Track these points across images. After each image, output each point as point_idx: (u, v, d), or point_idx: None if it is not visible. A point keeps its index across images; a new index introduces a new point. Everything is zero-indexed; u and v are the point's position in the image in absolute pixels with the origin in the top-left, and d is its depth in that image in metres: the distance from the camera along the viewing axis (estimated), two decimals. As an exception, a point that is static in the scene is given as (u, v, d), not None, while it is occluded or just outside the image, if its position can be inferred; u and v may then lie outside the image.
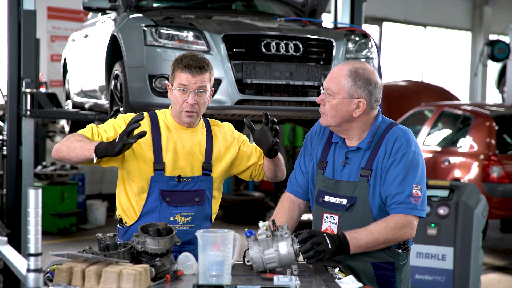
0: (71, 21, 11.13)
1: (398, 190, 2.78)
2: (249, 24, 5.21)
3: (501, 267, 7.73)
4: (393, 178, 2.80)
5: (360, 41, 5.47)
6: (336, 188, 2.90)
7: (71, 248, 7.34)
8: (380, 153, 2.85)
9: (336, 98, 2.83)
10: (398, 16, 16.30)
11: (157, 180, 3.03)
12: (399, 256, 2.88)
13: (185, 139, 3.08)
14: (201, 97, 3.01)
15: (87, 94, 6.59)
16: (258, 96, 5.01)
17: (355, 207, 2.84)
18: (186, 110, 3.01)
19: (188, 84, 2.97)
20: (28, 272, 2.18)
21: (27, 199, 2.17)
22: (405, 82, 13.02)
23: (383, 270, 2.87)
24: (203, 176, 3.09)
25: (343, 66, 2.87)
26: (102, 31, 5.88)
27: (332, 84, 2.84)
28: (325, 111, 2.87)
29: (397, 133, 2.86)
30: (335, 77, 2.84)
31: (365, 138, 2.90)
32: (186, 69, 2.96)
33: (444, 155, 8.34)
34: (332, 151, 2.97)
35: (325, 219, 2.92)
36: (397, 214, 2.78)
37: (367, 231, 2.73)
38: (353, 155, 2.91)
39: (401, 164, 2.80)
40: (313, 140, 3.07)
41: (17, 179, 6.00)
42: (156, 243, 2.56)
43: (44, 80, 10.04)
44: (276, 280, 2.40)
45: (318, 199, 2.95)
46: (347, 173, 2.90)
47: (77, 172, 9.75)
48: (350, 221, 2.84)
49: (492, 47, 11.57)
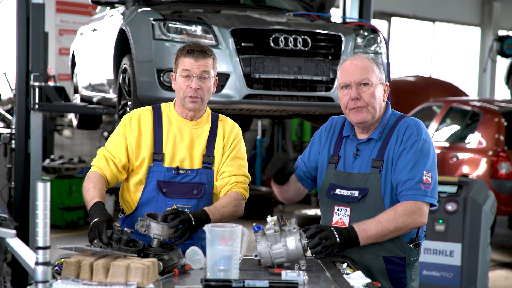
0: (79, 15, 11.13)
1: (408, 177, 2.79)
2: (258, 19, 5.19)
3: (509, 264, 7.70)
4: (404, 164, 2.81)
5: (369, 36, 5.45)
6: (348, 181, 2.90)
7: (79, 242, 7.37)
8: (391, 142, 2.87)
9: (373, 86, 2.87)
10: (407, 11, 16.23)
11: (155, 170, 3.04)
12: (411, 251, 2.87)
13: (185, 131, 3.09)
14: (205, 83, 3.01)
15: (95, 88, 6.60)
16: (266, 91, 5.00)
17: (367, 198, 2.85)
18: (189, 95, 3.01)
19: (191, 69, 2.98)
20: (37, 265, 2.18)
21: (36, 192, 2.17)
22: (414, 77, 12.97)
23: (394, 264, 2.87)
24: (204, 169, 3.08)
25: (361, 57, 2.93)
26: (111, 25, 5.88)
27: (366, 74, 2.87)
28: (365, 103, 2.87)
29: (408, 122, 2.90)
30: (364, 67, 2.88)
31: (376, 129, 2.92)
32: (189, 54, 2.99)
33: (453, 151, 8.31)
34: (343, 145, 2.98)
35: (336, 211, 2.92)
36: (407, 200, 2.78)
37: (375, 221, 2.73)
38: (364, 147, 2.92)
39: (411, 151, 2.82)
40: (322, 137, 3.07)
41: (25, 172, 6.01)
42: (160, 228, 2.59)
43: (52, 74, 10.05)
44: (284, 275, 2.40)
45: (329, 192, 2.95)
46: (358, 165, 2.90)
47: (85, 166, 9.76)
48: (362, 213, 2.84)
49: (501, 42, 11.54)
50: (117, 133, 3.09)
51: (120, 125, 3.11)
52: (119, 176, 3.08)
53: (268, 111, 5.26)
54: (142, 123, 3.07)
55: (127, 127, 3.07)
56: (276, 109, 5.18)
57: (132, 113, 3.13)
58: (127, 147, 3.05)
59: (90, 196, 2.92)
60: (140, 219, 2.64)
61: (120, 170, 3.06)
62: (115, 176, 3.07)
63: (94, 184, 2.97)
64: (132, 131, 3.06)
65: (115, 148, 3.06)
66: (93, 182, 2.98)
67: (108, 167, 3.05)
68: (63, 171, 9.30)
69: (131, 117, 3.10)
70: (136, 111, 3.13)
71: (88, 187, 2.97)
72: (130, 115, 3.11)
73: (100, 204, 2.86)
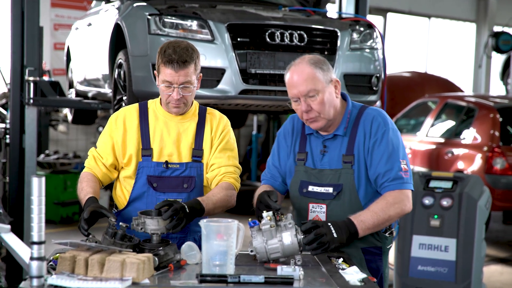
0: (74, 10, 11.09)
1: (387, 168, 2.83)
2: (254, 14, 5.18)
3: (503, 259, 7.72)
4: (379, 157, 2.84)
5: (365, 31, 5.44)
6: (320, 177, 2.92)
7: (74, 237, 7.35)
8: (359, 137, 2.89)
9: (320, 93, 2.83)
10: (403, 7, 16.22)
11: (145, 165, 3.07)
12: (386, 240, 2.95)
13: (171, 126, 3.10)
14: (186, 91, 3.00)
15: (90, 83, 6.57)
16: (262, 86, 4.99)
17: (342, 194, 2.87)
18: (172, 102, 3.03)
19: (172, 80, 2.97)
20: (32, 260, 2.18)
21: (31, 187, 2.17)
22: (409, 73, 12.98)
23: (371, 254, 2.93)
24: (193, 163, 3.10)
25: (299, 66, 2.84)
26: (106, 19, 5.86)
27: (310, 85, 2.81)
28: (316, 113, 2.85)
29: (371, 114, 2.91)
30: (306, 78, 2.81)
31: (340, 125, 2.93)
32: (169, 64, 2.94)
33: (448, 147, 8.32)
34: (308, 143, 3.00)
35: (311, 209, 2.94)
36: (393, 190, 2.82)
37: (371, 212, 2.77)
38: (330, 143, 2.94)
39: (383, 143, 2.85)
40: (287, 136, 3.07)
41: (20, 167, 5.99)
42: (156, 223, 2.60)
43: (47, 69, 10.02)
44: (280, 270, 2.40)
45: (301, 190, 2.96)
46: (328, 161, 2.93)
47: (80, 161, 9.74)
48: (339, 209, 2.88)
49: (496, 38, 11.55)
50: (105, 133, 3.14)
51: (107, 125, 3.16)
52: (110, 175, 3.14)
53: (264, 106, 5.26)
54: (127, 121, 3.11)
55: (113, 126, 3.12)
56: (272, 104, 5.18)
57: (118, 112, 3.17)
58: (114, 146, 3.10)
59: (84, 194, 2.97)
60: (134, 219, 2.65)
61: (109, 169, 3.11)
62: (106, 175, 3.12)
63: (86, 182, 3.03)
64: (118, 129, 3.10)
65: (103, 148, 3.12)
66: (85, 181, 3.04)
67: (97, 167, 3.11)
68: (58, 166, 9.28)
69: (117, 116, 3.14)
70: (122, 110, 3.17)
71: (82, 186, 3.03)
72: (116, 114, 3.16)
73: (92, 198, 2.90)
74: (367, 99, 5.35)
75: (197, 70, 3.04)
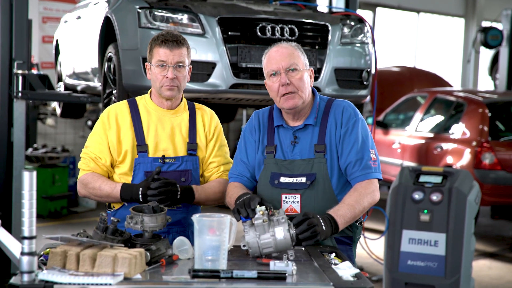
0: (63, 2, 11.01)
1: (357, 157, 2.88)
2: (245, 8, 5.16)
3: (492, 254, 7.77)
4: (350, 146, 2.90)
5: (355, 26, 5.43)
6: (292, 168, 2.94)
7: (62, 231, 7.32)
8: (331, 126, 2.94)
9: (301, 71, 2.92)
10: (392, 2, 16.24)
11: (141, 161, 3.06)
12: (356, 229, 3.00)
13: (165, 121, 3.11)
14: (180, 72, 3.04)
15: (79, 76, 6.53)
16: (253, 80, 4.98)
17: (315, 183, 2.90)
18: (166, 84, 3.04)
19: (166, 59, 3.01)
20: (22, 255, 2.16)
21: (22, 181, 2.14)
22: (398, 68, 13.00)
23: (344, 244, 2.97)
24: (189, 156, 3.11)
25: (286, 44, 2.96)
26: (96, 12, 5.82)
27: (293, 59, 2.91)
28: (295, 88, 2.90)
29: (342, 104, 2.98)
30: (290, 54, 2.92)
31: (310, 115, 2.97)
32: (164, 44, 3.00)
33: (437, 142, 8.34)
34: (277, 135, 3.01)
35: (284, 199, 2.95)
36: (363, 180, 2.87)
37: (348, 205, 2.80)
38: (301, 133, 2.97)
39: (354, 132, 2.91)
40: (253, 132, 3.06)
41: (8, 161, 5.96)
42: (155, 220, 2.58)
43: (36, 62, 9.95)
44: (273, 265, 2.39)
45: (272, 181, 2.96)
46: (299, 151, 2.95)
47: (68, 155, 9.70)
48: (313, 198, 2.90)
49: (485, 33, 11.55)
50: (97, 132, 3.10)
51: (98, 124, 3.12)
52: (111, 175, 3.13)
53: (255, 100, 5.24)
54: (120, 119, 3.09)
55: (105, 125, 3.09)
56: (262, 98, 5.16)
57: (109, 110, 3.13)
58: (109, 146, 3.08)
59: (109, 186, 2.99)
60: (129, 217, 2.61)
61: (108, 168, 3.10)
62: (106, 175, 3.11)
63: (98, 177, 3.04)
64: (111, 128, 3.08)
65: (99, 148, 3.08)
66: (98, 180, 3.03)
67: (98, 167, 3.08)
68: (46, 160, 9.23)
69: (108, 115, 3.11)
70: (112, 108, 3.14)
71: (97, 185, 3.02)
72: (107, 112, 3.12)
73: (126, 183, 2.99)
74: (357, 93, 5.33)
75: (189, 57, 3.10)
